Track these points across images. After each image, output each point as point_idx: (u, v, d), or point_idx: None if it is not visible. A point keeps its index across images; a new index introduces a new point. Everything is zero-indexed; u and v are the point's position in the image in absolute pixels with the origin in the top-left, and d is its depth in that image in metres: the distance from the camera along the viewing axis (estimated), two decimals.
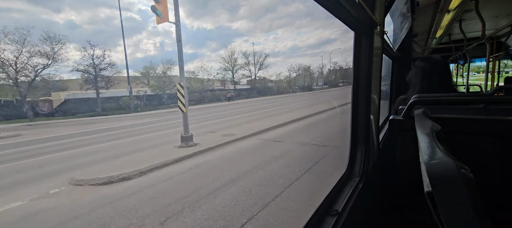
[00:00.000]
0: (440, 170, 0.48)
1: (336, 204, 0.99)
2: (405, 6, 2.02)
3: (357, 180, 1.17)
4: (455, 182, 0.45)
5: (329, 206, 0.98)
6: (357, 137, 1.24)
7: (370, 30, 1.12)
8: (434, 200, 0.46)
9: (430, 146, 0.62)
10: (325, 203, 0.98)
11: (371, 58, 1.15)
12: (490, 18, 3.43)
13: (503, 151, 1.11)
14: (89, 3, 42.67)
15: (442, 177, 0.47)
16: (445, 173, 0.47)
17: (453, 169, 0.47)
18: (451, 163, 0.48)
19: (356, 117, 1.22)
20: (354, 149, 1.24)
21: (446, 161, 0.49)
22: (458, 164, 0.48)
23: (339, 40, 55.11)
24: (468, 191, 0.43)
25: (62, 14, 36.66)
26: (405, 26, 2.45)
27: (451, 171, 0.47)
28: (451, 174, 0.46)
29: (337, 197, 1.04)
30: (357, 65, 1.18)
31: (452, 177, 0.46)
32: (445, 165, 0.49)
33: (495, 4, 2.86)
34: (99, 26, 40.65)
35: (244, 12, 57.91)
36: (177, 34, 7.34)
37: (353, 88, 1.21)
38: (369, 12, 0.99)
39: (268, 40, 62.61)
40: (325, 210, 0.95)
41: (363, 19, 1.03)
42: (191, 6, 55.34)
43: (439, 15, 2.77)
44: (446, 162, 0.49)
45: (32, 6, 22.79)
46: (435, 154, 0.56)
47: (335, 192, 1.06)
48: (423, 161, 0.54)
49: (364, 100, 1.20)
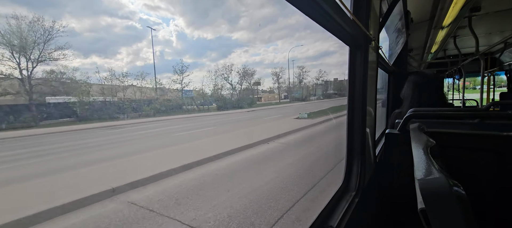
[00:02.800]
0: (432, 187, 0.48)
1: (331, 219, 0.97)
2: (400, 22, 2.07)
3: (353, 194, 1.16)
4: (447, 200, 0.44)
5: (324, 221, 0.96)
6: (353, 150, 1.23)
7: (365, 45, 1.14)
8: (427, 217, 0.46)
9: (424, 162, 0.62)
10: (320, 218, 0.97)
11: (366, 72, 1.16)
12: (484, 34, 3.51)
13: (497, 166, 1.11)
14: (89, 11, 43.09)
15: (435, 194, 0.46)
16: (438, 190, 0.47)
17: (445, 186, 0.46)
18: (443, 180, 0.48)
19: (352, 130, 1.22)
20: (350, 163, 1.23)
21: (438, 178, 0.49)
22: (451, 181, 0.48)
23: (338, 52, 55.85)
24: (461, 209, 0.43)
25: (62, 21, 37.07)
26: (400, 41, 2.50)
27: (443, 188, 0.46)
28: (443, 191, 0.46)
29: (333, 211, 1.02)
30: (352, 79, 1.20)
31: (445, 194, 0.45)
32: (438, 182, 0.49)
33: (488, 21, 2.94)
34: (100, 34, 41.00)
35: (244, 23, 58.86)
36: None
37: (348, 102, 1.21)
38: (364, 29, 1.01)
39: (268, 51, 63.45)
40: (320, 225, 0.94)
41: (357, 35, 1.05)
42: (192, 16, 56.11)
43: (434, 31, 2.84)
44: (438, 179, 0.49)
45: (32, 13, 23.14)
46: (429, 170, 0.55)
47: (331, 207, 1.05)
48: (417, 177, 0.54)
49: (360, 113, 1.21)
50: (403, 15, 2.00)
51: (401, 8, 1.86)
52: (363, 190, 1.20)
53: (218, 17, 57.15)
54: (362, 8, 1.08)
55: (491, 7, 2.43)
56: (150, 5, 50.95)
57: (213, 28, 55.94)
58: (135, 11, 47.59)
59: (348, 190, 1.20)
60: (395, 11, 1.68)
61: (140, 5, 48.57)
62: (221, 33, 55.79)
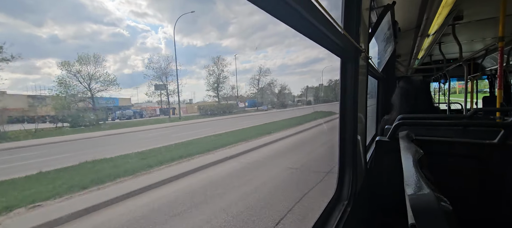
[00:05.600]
0: (421, 202, 0.51)
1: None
2: (388, 32, 2.14)
3: (346, 203, 1.18)
4: (435, 215, 0.47)
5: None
6: (344, 160, 1.26)
7: (355, 56, 1.17)
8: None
9: (413, 176, 0.64)
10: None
11: (356, 81, 1.20)
12: (467, 42, 3.67)
13: (480, 171, 1.17)
14: (72, 17, 41.45)
15: (424, 210, 0.49)
16: (427, 206, 0.50)
17: (433, 202, 0.49)
18: (432, 196, 0.50)
19: (344, 139, 1.25)
20: (342, 172, 1.25)
21: (427, 194, 0.52)
22: (438, 197, 0.50)
23: (327, 59, 56.28)
24: (447, 223, 0.46)
25: (44, 28, 35.13)
26: (388, 49, 2.58)
27: (431, 204, 0.49)
28: (431, 206, 0.49)
29: (326, 222, 1.04)
30: (344, 88, 1.22)
31: (433, 210, 0.48)
32: (426, 197, 0.51)
33: (471, 29, 3.08)
34: (84, 41, 39.46)
35: (234, 30, 58.76)
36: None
37: (340, 111, 1.24)
38: (354, 42, 1.04)
39: (258, 58, 63.62)
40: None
41: (348, 47, 1.08)
42: (180, 23, 55.24)
43: (420, 39, 2.95)
44: (427, 195, 0.52)
45: (11, 19, 21.23)
46: (418, 185, 0.58)
47: (324, 218, 1.06)
48: (407, 193, 0.56)
49: (351, 122, 1.23)
50: (391, 25, 2.07)
51: (389, 19, 1.92)
52: (355, 198, 1.22)
53: (207, 24, 56.65)
54: (352, 22, 1.12)
55: (473, 16, 2.54)
56: (137, 12, 49.87)
57: (202, 35, 55.18)
58: (122, 18, 46.18)
59: (340, 200, 1.22)
60: (384, 21, 1.74)
61: (126, 12, 47.33)
62: (211, 41, 55.30)
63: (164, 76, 25.96)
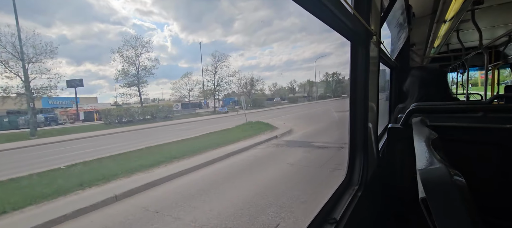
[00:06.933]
0: (433, 176, 0.49)
1: (334, 212, 0.99)
2: (402, 17, 2.06)
3: (356, 188, 1.17)
4: (447, 188, 0.45)
5: (327, 214, 0.98)
6: (355, 145, 1.24)
7: (366, 40, 1.14)
8: (428, 206, 0.47)
9: (425, 153, 0.63)
10: (323, 211, 0.98)
11: (367, 67, 1.17)
12: (487, 28, 3.47)
13: (501, 159, 1.11)
14: (80, 17, 42.16)
15: (435, 183, 0.47)
16: (438, 179, 0.48)
17: (445, 175, 0.47)
18: (443, 169, 0.49)
19: (354, 125, 1.23)
20: (353, 157, 1.24)
21: (439, 168, 0.50)
22: (451, 170, 0.49)
23: (334, 54, 54.90)
24: (461, 197, 0.44)
25: (53, 28, 35.96)
26: (402, 36, 2.49)
27: (444, 177, 0.47)
28: (444, 179, 0.47)
29: (336, 205, 1.03)
30: (354, 74, 1.20)
31: (445, 183, 0.46)
32: (438, 171, 0.49)
33: (492, 14, 2.91)
34: (92, 41, 40.19)
35: (239, 26, 58.24)
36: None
37: (350, 97, 1.22)
38: (365, 23, 1.02)
39: (263, 54, 62.87)
40: (324, 218, 0.95)
41: (359, 30, 1.06)
42: (185, 20, 55.14)
43: (436, 25, 2.82)
44: (439, 169, 0.50)
45: (22, 21, 21.75)
46: (430, 160, 0.56)
47: (334, 200, 1.06)
48: (418, 167, 0.55)
49: (362, 109, 1.21)
50: (405, 9, 1.99)
51: (402, 3, 1.85)
52: (366, 184, 1.21)
53: (212, 21, 56.35)
54: (363, 3, 1.09)
55: (494, 0, 2.40)
56: (142, 10, 50.19)
57: (208, 32, 55.04)
58: (128, 17, 46.52)
59: (351, 184, 1.21)
60: (397, 5, 1.68)
61: (132, 10, 47.54)
62: (216, 38, 55.08)
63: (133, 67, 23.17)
